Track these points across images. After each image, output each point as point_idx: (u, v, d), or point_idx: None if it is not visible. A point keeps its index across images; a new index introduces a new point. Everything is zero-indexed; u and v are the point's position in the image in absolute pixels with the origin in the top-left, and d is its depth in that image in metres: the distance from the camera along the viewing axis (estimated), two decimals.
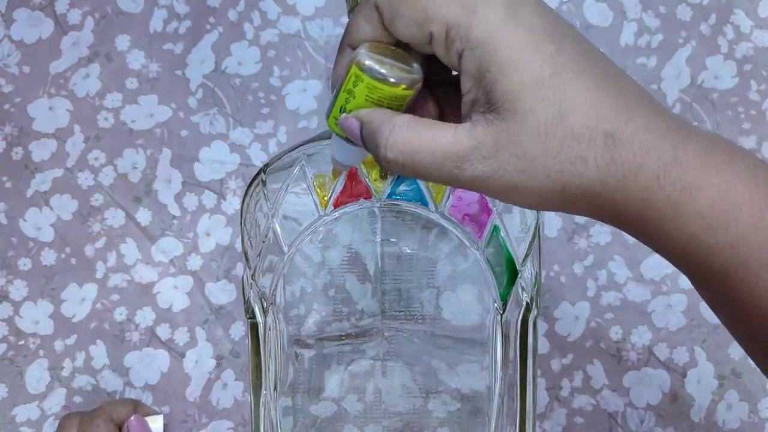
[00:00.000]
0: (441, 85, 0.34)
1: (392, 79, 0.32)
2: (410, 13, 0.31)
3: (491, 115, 0.30)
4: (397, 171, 0.32)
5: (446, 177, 0.31)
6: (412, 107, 0.33)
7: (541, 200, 0.31)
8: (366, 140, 0.33)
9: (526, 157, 0.30)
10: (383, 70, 0.32)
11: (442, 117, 0.34)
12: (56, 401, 0.59)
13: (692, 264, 0.32)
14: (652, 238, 0.32)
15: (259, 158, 0.59)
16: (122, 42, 0.60)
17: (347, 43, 0.33)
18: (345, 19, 0.60)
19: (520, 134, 0.30)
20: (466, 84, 0.31)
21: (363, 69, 0.32)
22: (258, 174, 0.48)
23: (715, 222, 0.30)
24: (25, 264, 0.59)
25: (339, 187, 0.47)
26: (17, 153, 0.60)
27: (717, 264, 0.31)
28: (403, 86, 0.32)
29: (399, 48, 0.33)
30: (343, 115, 0.33)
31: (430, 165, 0.31)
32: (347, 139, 0.34)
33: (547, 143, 0.30)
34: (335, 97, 0.33)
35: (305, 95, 0.60)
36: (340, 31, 0.60)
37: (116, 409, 0.53)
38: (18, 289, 0.59)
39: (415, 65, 0.33)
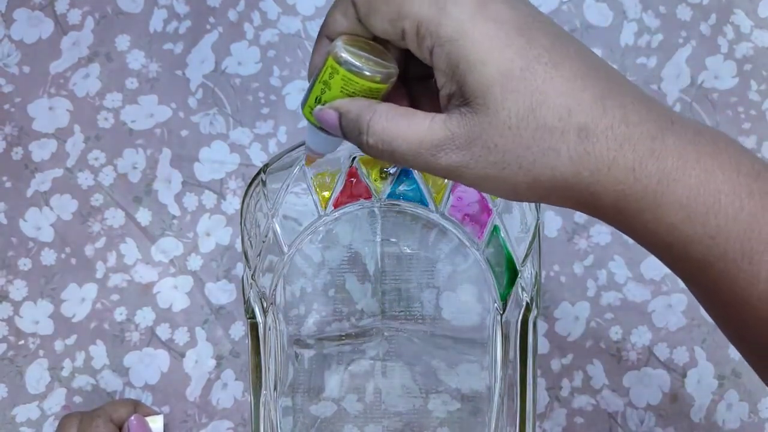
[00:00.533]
0: (418, 80, 0.35)
1: (367, 73, 0.32)
2: (384, 10, 0.31)
3: (465, 108, 0.31)
4: (377, 156, 0.33)
5: (422, 164, 0.32)
6: (386, 101, 0.34)
7: (513, 190, 0.32)
8: (346, 128, 0.33)
9: (498, 149, 0.30)
10: (359, 63, 0.32)
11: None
12: (56, 401, 0.59)
13: (675, 256, 0.32)
14: (632, 229, 0.32)
15: (259, 158, 0.59)
16: (122, 42, 0.60)
17: (325, 35, 0.34)
18: None
19: (492, 127, 0.30)
20: (440, 79, 0.31)
21: (339, 61, 0.32)
22: (258, 174, 0.48)
23: (693, 213, 0.30)
24: (25, 264, 0.59)
25: (339, 187, 0.47)
26: (17, 153, 0.60)
27: (698, 255, 0.31)
28: (378, 79, 0.33)
29: (376, 42, 0.33)
30: (319, 107, 0.34)
31: (407, 152, 0.32)
32: (321, 129, 0.35)
33: (518, 136, 0.30)
34: (311, 88, 0.34)
35: None
36: None
37: (116, 409, 0.53)
38: (18, 289, 0.59)
39: (391, 60, 0.33)
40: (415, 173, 0.46)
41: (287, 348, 0.49)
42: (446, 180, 0.46)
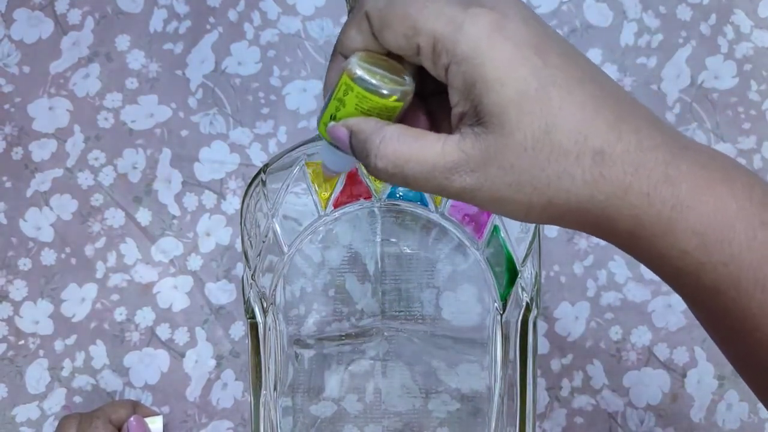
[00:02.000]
0: (434, 96, 0.34)
1: (383, 91, 0.32)
2: (398, 25, 0.31)
3: (479, 128, 0.30)
4: (386, 180, 0.32)
5: (435, 187, 0.31)
6: (403, 118, 0.33)
7: (527, 213, 0.31)
8: (356, 149, 0.33)
9: (513, 170, 0.30)
10: (374, 81, 0.32)
11: (434, 127, 0.34)
12: (56, 401, 0.59)
13: (685, 282, 0.32)
14: (643, 255, 0.32)
15: (259, 158, 0.59)
16: (122, 42, 0.60)
17: (339, 52, 0.33)
18: (345, 19, 0.60)
19: (507, 148, 0.30)
20: (454, 97, 0.31)
21: (354, 79, 0.32)
22: (258, 174, 0.48)
23: (707, 240, 0.30)
24: (25, 264, 0.59)
25: (339, 187, 0.47)
26: (17, 153, 0.60)
27: (709, 282, 0.31)
28: (394, 98, 0.32)
29: (391, 58, 0.33)
30: (332, 123, 0.33)
31: (419, 175, 0.31)
32: (336, 146, 0.34)
33: (533, 158, 0.30)
34: (326, 104, 0.33)
35: (305, 95, 0.60)
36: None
37: (116, 410, 0.53)
38: (18, 289, 0.59)
39: (407, 77, 0.32)
40: None
41: (287, 348, 0.49)
42: None
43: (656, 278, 0.57)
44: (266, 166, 0.48)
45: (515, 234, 0.47)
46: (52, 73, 0.60)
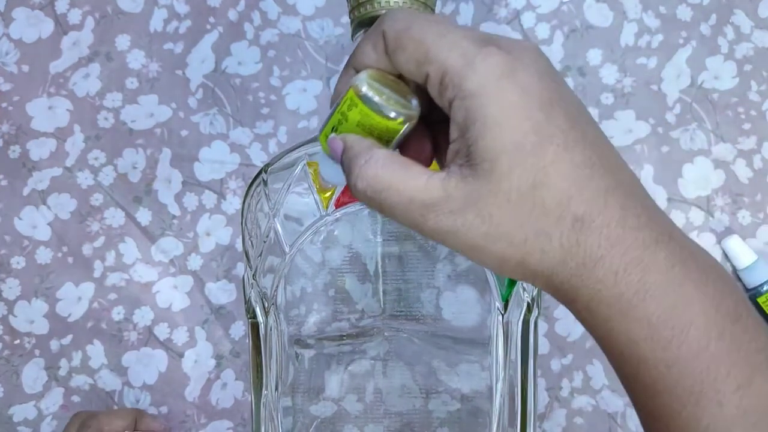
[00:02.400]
0: (441, 123, 0.33)
1: (387, 112, 0.31)
2: (412, 50, 0.30)
3: (467, 170, 0.29)
4: (363, 202, 0.31)
5: (409, 221, 0.31)
6: (407, 142, 0.33)
7: (500, 265, 0.30)
8: (344, 164, 0.32)
9: (492, 220, 0.29)
10: (379, 101, 0.31)
11: (436, 155, 0.34)
12: (54, 401, 0.58)
13: (627, 372, 0.31)
14: (597, 333, 0.31)
15: (259, 158, 0.59)
16: (122, 42, 0.60)
17: (352, 65, 0.33)
18: (345, 19, 0.60)
19: (491, 196, 0.29)
20: (453, 133, 0.30)
21: (360, 95, 0.32)
22: (259, 174, 0.48)
23: (658, 335, 0.29)
24: (18, 262, 0.59)
25: (340, 187, 0.47)
26: (14, 151, 0.60)
27: (648, 379, 0.30)
28: (397, 121, 0.32)
29: (402, 80, 0.32)
30: (332, 135, 0.33)
31: (395, 206, 0.30)
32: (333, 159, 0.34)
33: (515, 211, 0.29)
34: (330, 116, 0.33)
35: (305, 95, 0.60)
36: (341, 31, 0.60)
37: (111, 420, 0.52)
38: (11, 288, 0.59)
39: (414, 100, 0.32)
40: None
41: (288, 348, 0.49)
42: None
43: None
44: (267, 165, 0.48)
45: None
46: (52, 72, 0.60)
